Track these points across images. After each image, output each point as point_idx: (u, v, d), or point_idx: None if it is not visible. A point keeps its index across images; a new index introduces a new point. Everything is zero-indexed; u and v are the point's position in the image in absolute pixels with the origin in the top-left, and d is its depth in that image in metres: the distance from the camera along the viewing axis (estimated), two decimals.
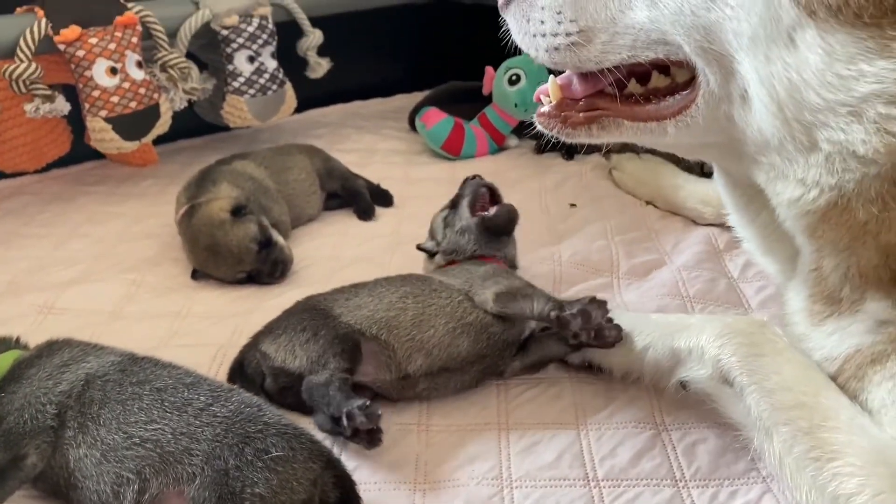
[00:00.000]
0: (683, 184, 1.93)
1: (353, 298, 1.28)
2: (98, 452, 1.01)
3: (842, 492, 0.94)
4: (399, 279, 1.34)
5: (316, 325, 1.22)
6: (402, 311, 1.24)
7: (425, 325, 1.23)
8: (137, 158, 2.22)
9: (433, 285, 1.30)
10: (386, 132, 2.53)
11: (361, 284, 1.34)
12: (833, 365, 1.05)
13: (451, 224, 1.47)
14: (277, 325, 1.27)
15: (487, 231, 1.45)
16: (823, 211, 0.93)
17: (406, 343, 1.21)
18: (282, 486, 0.94)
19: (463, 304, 1.27)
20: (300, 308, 1.29)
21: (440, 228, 1.49)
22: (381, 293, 1.28)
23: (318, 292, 1.35)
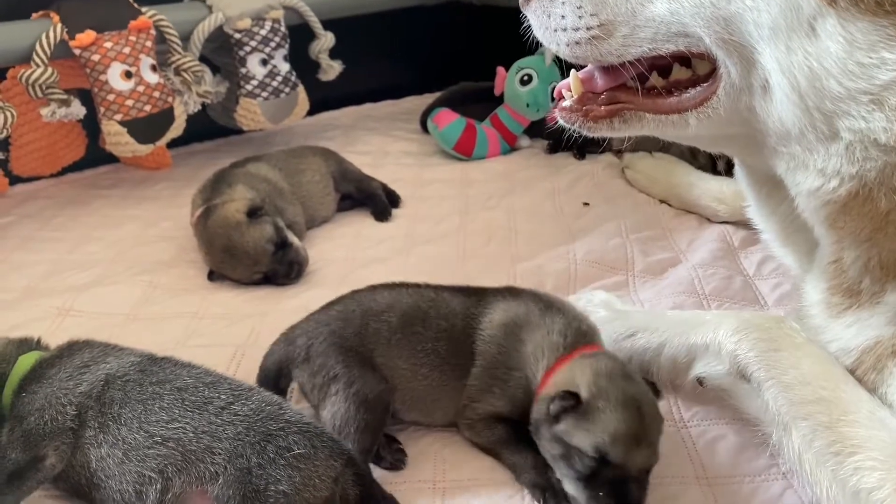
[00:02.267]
0: (697, 182, 1.93)
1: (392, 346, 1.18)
2: (120, 452, 1.01)
3: (863, 486, 0.94)
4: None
5: (350, 375, 1.13)
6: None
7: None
8: (151, 162, 2.24)
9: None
10: (397, 134, 2.53)
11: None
12: (851, 357, 1.05)
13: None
14: (314, 353, 1.17)
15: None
16: (844, 201, 0.93)
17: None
18: (304, 483, 0.95)
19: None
20: (337, 343, 1.17)
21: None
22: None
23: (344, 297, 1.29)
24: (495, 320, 1.18)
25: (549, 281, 1.61)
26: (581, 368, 1.06)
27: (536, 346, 1.13)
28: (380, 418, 1.12)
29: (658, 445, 1.01)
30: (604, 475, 0.98)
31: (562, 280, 1.61)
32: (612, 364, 1.07)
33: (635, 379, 1.06)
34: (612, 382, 1.02)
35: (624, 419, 0.98)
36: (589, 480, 0.99)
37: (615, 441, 0.97)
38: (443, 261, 1.73)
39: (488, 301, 1.22)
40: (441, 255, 1.76)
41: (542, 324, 1.15)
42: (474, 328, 1.18)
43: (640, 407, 1.01)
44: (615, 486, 0.98)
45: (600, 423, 0.99)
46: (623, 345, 1.29)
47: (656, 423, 1.02)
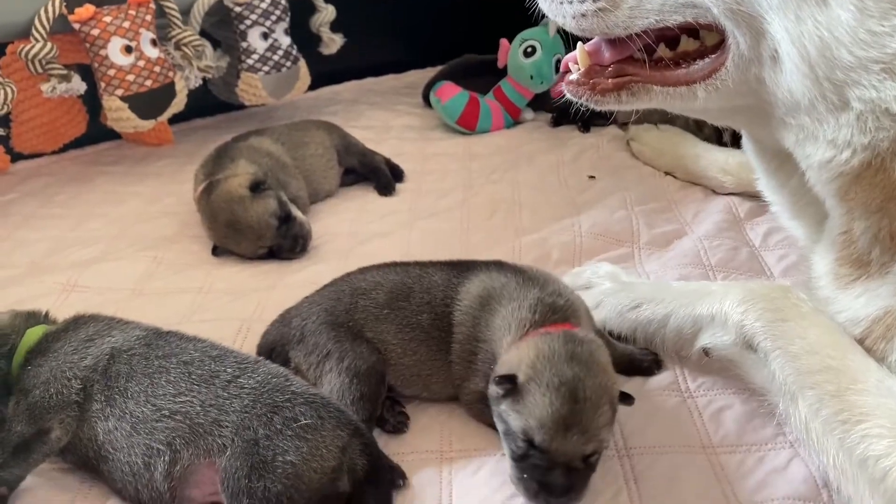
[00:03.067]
0: (703, 153, 1.92)
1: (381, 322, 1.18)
2: (128, 425, 1.02)
3: (871, 454, 0.94)
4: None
5: (342, 350, 1.15)
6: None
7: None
8: (153, 138, 2.22)
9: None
10: (400, 108, 2.51)
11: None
12: (859, 327, 1.04)
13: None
14: (307, 332, 1.19)
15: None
16: (856, 172, 0.92)
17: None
18: (312, 453, 0.95)
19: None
20: (329, 321, 1.19)
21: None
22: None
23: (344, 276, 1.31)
24: (472, 291, 1.18)
25: (554, 253, 1.60)
26: (528, 349, 1.02)
27: (504, 319, 1.11)
28: (375, 388, 1.13)
29: (599, 433, 0.96)
30: (533, 458, 0.96)
31: (567, 253, 1.60)
32: (561, 345, 1.01)
33: (582, 362, 0.99)
34: (550, 366, 0.98)
35: (551, 404, 0.95)
36: (520, 461, 0.98)
37: (541, 426, 0.95)
38: (447, 235, 1.72)
39: (471, 273, 1.22)
40: (445, 229, 1.75)
41: (515, 297, 1.13)
42: (453, 298, 1.18)
43: (574, 393, 0.95)
44: (539, 471, 0.95)
45: (529, 408, 0.96)
46: (628, 316, 1.29)
47: (593, 410, 0.96)
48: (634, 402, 1.05)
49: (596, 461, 0.99)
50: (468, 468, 1.08)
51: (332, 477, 0.96)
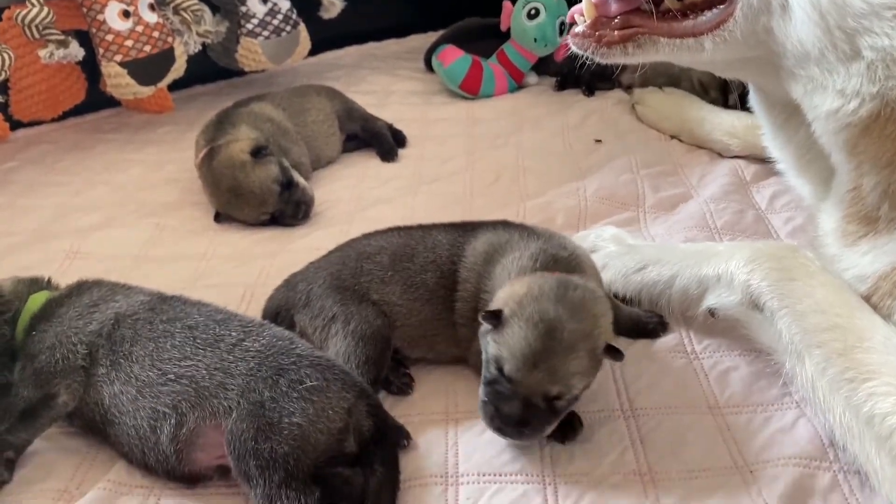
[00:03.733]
0: (708, 116, 1.90)
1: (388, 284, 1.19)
2: (133, 389, 1.02)
3: (877, 411, 0.94)
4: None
5: (347, 313, 1.15)
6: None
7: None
8: (153, 105, 2.20)
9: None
10: (402, 73, 2.48)
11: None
12: (866, 284, 1.04)
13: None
14: (313, 296, 1.19)
15: None
16: (865, 123, 0.91)
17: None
18: (318, 414, 0.95)
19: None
20: (334, 285, 1.19)
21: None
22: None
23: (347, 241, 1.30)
24: (478, 248, 1.18)
25: (559, 217, 1.59)
26: (520, 286, 1.02)
27: (504, 268, 1.12)
28: (380, 351, 1.13)
29: (568, 377, 0.97)
30: (499, 385, 0.98)
31: (572, 217, 1.59)
32: (550, 286, 1.00)
33: (569, 307, 0.98)
34: (534, 302, 0.98)
35: (525, 337, 0.96)
36: (488, 386, 0.99)
37: (511, 356, 0.96)
38: (450, 199, 1.71)
39: (477, 232, 1.22)
40: (448, 193, 1.74)
41: (517, 248, 1.14)
42: (459, 256, 1.18)
43: (550, 332, 0.96)
44: (500, 398, 0.97)
45: (506, 338, 0.97)
46: (633, 278, 1.29)
47: (566, 353, 0.96)
48: (624, 357, 1.03)
49: (561, 408, 0.99)
50: (474, 429, 1.08)
51: (338, 438, 0.96)
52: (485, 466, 1.02)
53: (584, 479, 1.00)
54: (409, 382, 1.16)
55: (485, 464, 1.02)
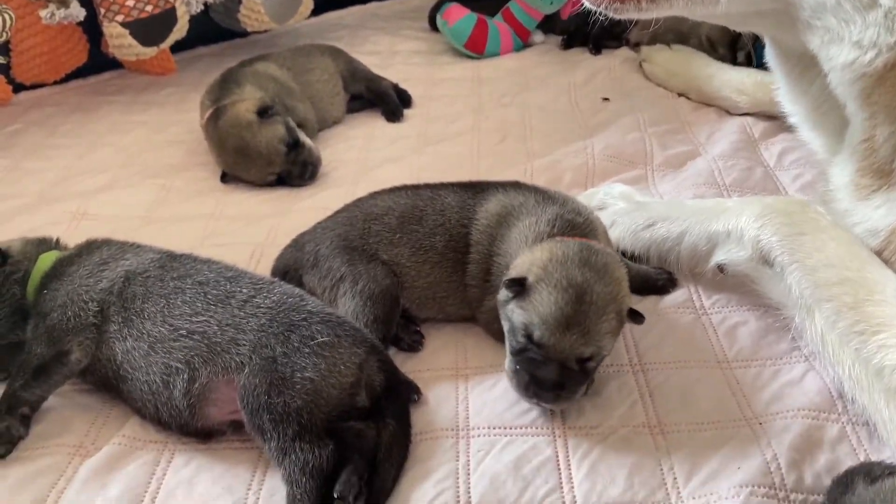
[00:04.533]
0: (717, 73, 1.88)
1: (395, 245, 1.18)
2: (145, 345, 1.02)
3: (887, 363, 0.94)
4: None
5: (356, 273, 1.15)
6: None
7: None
8: (156, 67, 2.18)
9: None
10: (406, 33, 2.46)
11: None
12: (878, 238, 1.03)
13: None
14: (321, 257, 1.19)
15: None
16: (880, 73, 0.90)
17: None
18: (330, 369, 0.96)
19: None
20: (342, 246, 1.19)
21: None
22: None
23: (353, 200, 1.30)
24: (490, 210, 1.17)
25: (567, 176, 1.58)
26: (541, 252, 1.03)
27: (521, 232, 1.12)
28: (389, 310, 1.14)
29: (599, 338, 0.98)
30: (530, 352, 0.98)
31: (579, 175, 1.58)
32: (574, 251, 1.02)
33: (594, 269, 1.00)
34: (560, 267, 0.99)
35: (555, 302, 0.96)
36: (517, 355, 1.00)
37: (542, 322, 0.97)
38: (457, 159, 1.70)
39: (488, 193, 1.21)
40: (455, 153, 1.73)
41: (534, 212, 1.13)
42: (470, 219, 1.17)
43: (580, 294, 0.97)
44: (534, 364, 0.98)
45: (534, 304, 0.98)
46: (642, 235, 1.28)
47: (597, 315, 0.97)
48: (644, 321, 1.05)
49: (592, 369, 1.00)
50: (484, 384, 1.09)
51: (350, 392, 0.97)
52: (495, 420, 1.03)
53: (593, 431, 1.01)
54: (419, 339, 1.16)
55: (495, 417, 1.03)
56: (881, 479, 0.85)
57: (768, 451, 0.96)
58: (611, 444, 0.99)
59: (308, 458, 0.92)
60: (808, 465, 0.95)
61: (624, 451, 0.98)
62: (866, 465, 0.90)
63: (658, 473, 0.95)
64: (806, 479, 0.93)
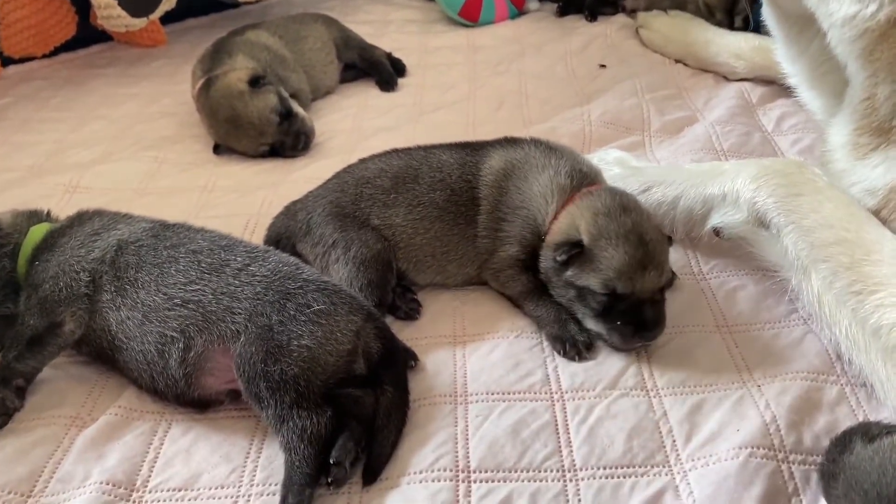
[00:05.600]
0: (714, 38, 1.85)
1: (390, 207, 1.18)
2: (140, 314, 1.02)
3: (884, 322, 0.94)
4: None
5: (347, 239, 1.15)
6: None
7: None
8: (146, 39, 2.15)
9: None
10: (399, 2, 2.42)
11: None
12: (876, 197, 1.03)
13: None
14: (313, 224, 1.19)
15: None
16: (883, 29, 0.88)
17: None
18: (326, 337, 0.96)
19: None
20: (334, 213, 1.19)
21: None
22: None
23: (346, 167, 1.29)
24: (495, 166, 1.19)
25: (564, 142, 1.55)
26: (581, 211, 1.08)
27: (544, 187, 1.14)
28: (382, 275, 1.14)
29: (666, 264, 1.05)
30: (618, 306, 1.03)
31: (576, 142, 1.57)
32: (611, 199, 1.08)
33: (634, 209, 1.07)
34: (610, 219, 1.04)
35: (626, 252, 1.02)
36: (606, 314, 1.04)
37: (621, 275, 1.01)
38: (453, 128, 1.69)
39: (486, 150, 1.22)
40: (451, 122, 1.72)
41: (548, 164, 1.16)
42: (475, 175, 1.18)
43: (641, 236, 1.03)
44: (630, 314, 1.02)
45: (604, 262, 1.02)
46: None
47: (660, 246, 1.05)
48: (674, 243, 1.13)
49: (664, 293, 1.06)
50: (481, 350, 1.08)
51: (347, 360, 0.97)
52: (493, 385, 1.03)
53: (590, 394, 1.01)
54: (416, 307, 1.16)
55: (493, 383, 1.03)
56: (879, 438, 0.85)
57: (767, 412, 0.96)
58: (609, 407, 0.99)
59: (306, 425, 0.92)
60: (808, 426, 0.95)
61: (622, 415, 0.98)
62: (864, 425, 0.90)
63: (657, 436, 0.95)
64: (805, 441, 0.93)
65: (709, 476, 0.90)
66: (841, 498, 0.81)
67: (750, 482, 0.89)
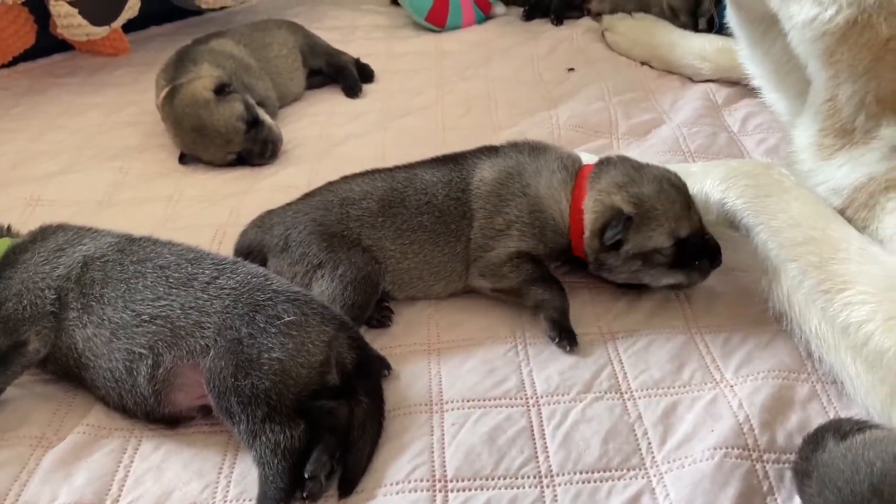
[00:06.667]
0: (679, 40, 1.87)
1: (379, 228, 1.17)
2: (107, 331, 1.00)
3: (853, 320, 0.95)
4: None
5: (336, 259, 1.13)
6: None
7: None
8: (108, 47, 2.12)
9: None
10: (366, 7, 2.41)
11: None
12: (841, 197, 1.04)
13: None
14: (293, 242, 1.16)
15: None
16: (842, 31, 0.90)
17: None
18: (298, 349, 0.94)
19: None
20: (319, 231, 1.16)
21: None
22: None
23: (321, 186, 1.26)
24: (487, 178, 1.18)
25: None
26: (605, 190, 1.12)
27: (550, 188, 1.16)
28: (368, 298, 1.12)
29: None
30: (685, 250, 1.09)
31: None
32: (622, 167, 1.14)
33: (642, 164, 1.15)
34: (637, 182, 1.11)
35: (670, 200, 1.09)
36: (678, 263, 1.10)
37: (679, 220, 1.09)
38: (422, 133, 1.68)
39: (471, 163, 1.21)
40: (420, 127, 1.71)
41: (541, 167, 1.18)
42: (464, 191, 1.17)
43: (669, 181, 1.11)
44: (699, 250, 1.10)
45: (659, 217, 1.08)
46: None
47: (682, 182, 1.12)
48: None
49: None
50: (456, 357, 1.08)
51: (320, 371, 0.96)
52: (468, 393, 1.02)
53: (565, 398, 1.01)
54: (388, 315, 1.15)
55: (468, 390, 1.02)
56: (851, 435, 0.86)
57: (740, 412, 0.97)
58: (584, 411, 0.99)
59: (279, 439, 0.91)
60: (780, 424, 0.96)
61: (597, 418, 0.98)
62: (836, 422, 0.91)
63: (632, 439, 0.96)
64: (778, 439, 0.94)
65: (684, 478, 0.90)
66: (815, 496, 0.82)
67: (725, 482, 0.89)
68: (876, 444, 0.81)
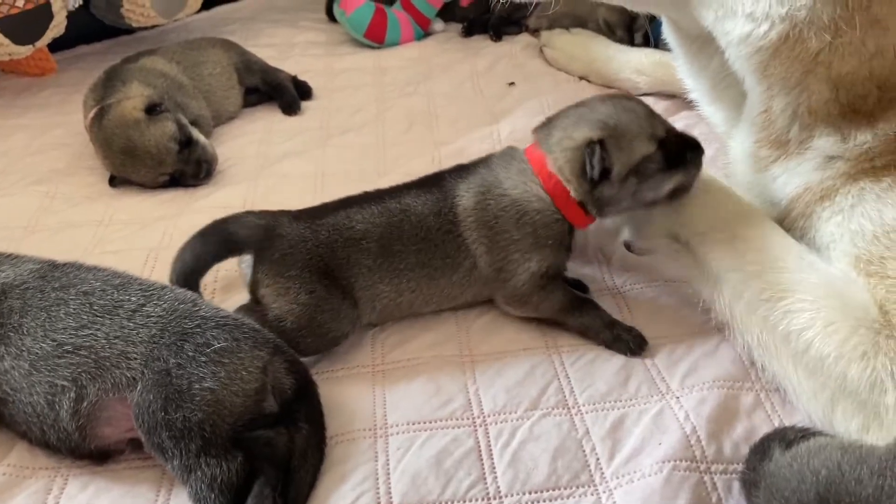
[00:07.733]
0: (616, 55, 1.89)
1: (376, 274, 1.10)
2: (26, 363, 0.94)
3: (793, 327, 0.95)
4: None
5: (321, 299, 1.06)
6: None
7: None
8: (34, 67, 2.04)
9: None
10: (304, 24, 2.38)
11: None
12: (778, 208, 1.05)
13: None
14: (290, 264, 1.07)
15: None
16: (775, 46, 0.91)
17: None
18: (230, 377, 0.90)
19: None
20: (318, 266, 1.08)
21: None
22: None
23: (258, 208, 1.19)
24: (468, 206, 1.11)
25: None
26: (562, 138, 1.09)
27: (516, 186, 1.11)
28: (329, 342, 1.08)
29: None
30: (670, 150, 1.07)
31: None
32: (561, 117, 1.12)
33: (574, 103, 1.13)
34: (586, 114, 1.09)
35: (630, 108, 1.08)
36: (670, 167, 1.07)
37: (649, 120, 1.07)
38: (363, 150, 1.65)
39: (448, 191, 1.14)
40: (361, 144, 1.68)
41: (499, 175, 1.14)
42: (454, 223, 1.11)
43: (612, 97, 1.11)
44: (682, 145, 1.08)
45: (630, 126, 1.06)
46: None
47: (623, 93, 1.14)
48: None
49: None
50: (400, 378, 1.05)
51: (255, 399, 0.92)
52: (413, 415, 0.99)
53: (512, 416, 0.99)
54: None
55: (413, 412, 1.00)
56: (796, 443, 0.86)
57: (687, 424, 0.96)
58: (532, 428, 0.97)
59: (216, 474, 0.86)
60: (727, 434, 0.95)
61: (545, 435, 0.96)
62: (780, 431, 0.91)
63: (580, 455, 0.94)
64: (725, 450, 0.93)
65: (634, 493, 0.89)
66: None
67: (674, 496, 0.88)
68: (820, 451, 0.81)
